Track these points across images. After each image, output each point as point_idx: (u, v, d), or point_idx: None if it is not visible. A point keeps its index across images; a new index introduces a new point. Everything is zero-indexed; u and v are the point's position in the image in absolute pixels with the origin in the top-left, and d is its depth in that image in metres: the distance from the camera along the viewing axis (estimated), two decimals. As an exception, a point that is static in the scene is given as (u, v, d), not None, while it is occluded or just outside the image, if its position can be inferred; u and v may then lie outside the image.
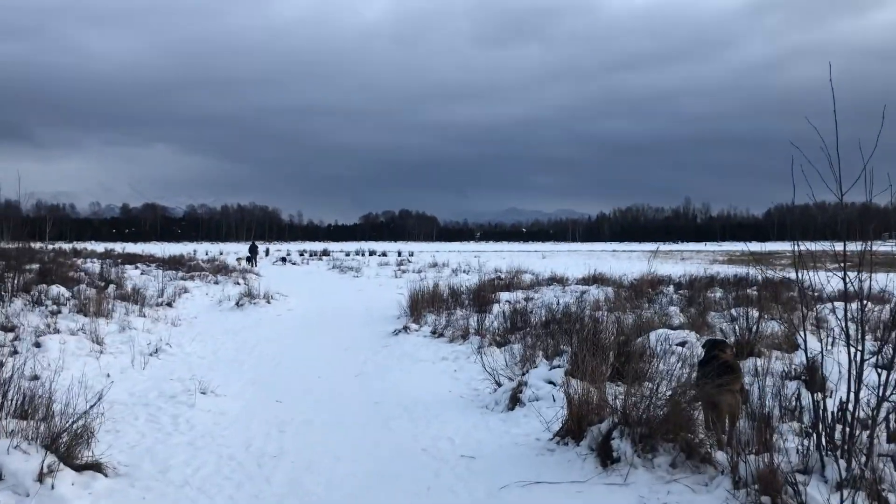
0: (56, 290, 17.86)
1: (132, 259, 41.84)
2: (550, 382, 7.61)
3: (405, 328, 13.81)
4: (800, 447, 4.95)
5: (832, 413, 5.12)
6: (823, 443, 4.84)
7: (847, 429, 5.05)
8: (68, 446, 5.42)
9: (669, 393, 5.73)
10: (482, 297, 17.43)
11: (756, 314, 11.60)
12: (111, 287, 20.77)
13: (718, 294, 20.38)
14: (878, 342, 6.31)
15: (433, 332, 13.45)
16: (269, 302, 19.79)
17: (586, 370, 7.31)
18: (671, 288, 22.62)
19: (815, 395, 5.61)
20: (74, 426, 5.51)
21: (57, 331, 12.08)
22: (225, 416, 7.55)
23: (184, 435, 6.82)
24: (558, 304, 17.41)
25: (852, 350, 5.18)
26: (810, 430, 4.91)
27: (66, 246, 67.89)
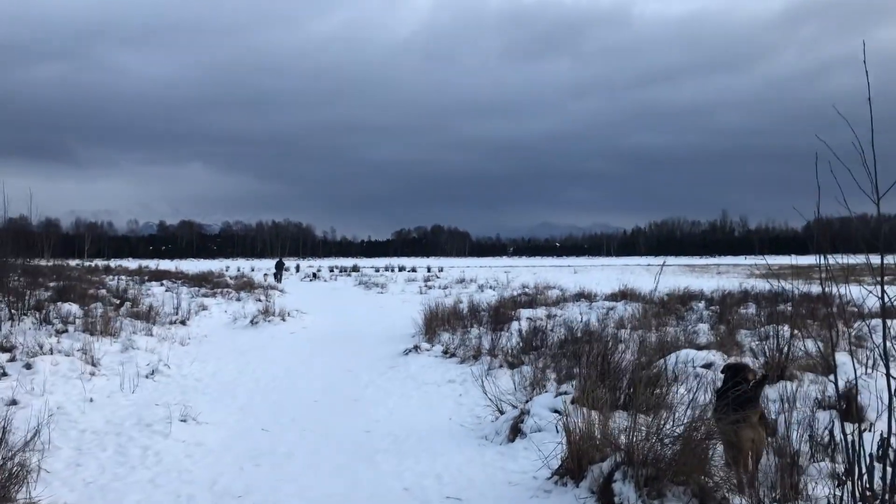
0: (68, 308, 17.61)
1: (161, 276, 41.84)
2: (556, 411, 6.90)
3: (416, 348, 13.17)
4: (832, 498, 4.19)
5: (870, 454, 4.34)
6: (858, 492, 4.08)
7: (890, 471, 4.28)
8: (3, 486, 4.87)
9: (681, 427, 4.99)
10: (501, 314, 16.71)
11: (788, 332, 10.75)
12: (126, 305, 20.51)
13: (751, 310, 19.44)
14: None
15: (445, 352, 12.78)
16: (283, 320, 19.31)
17: (592, 398, 6.59)
18: (702, 304, 21.68)
19: (850, 429, 4.83)
20: (10, 464, 4.95)
21: (52, 351, 11.65)
22: (200, 447, 6.96)
23: (148, 470, 6.22)
24: (581, 321, 16.64)
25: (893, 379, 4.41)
26: (844, 478, 4.14)
27: (103, 263, 68.81)
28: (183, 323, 18.60)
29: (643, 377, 7.69)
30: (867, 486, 4.16)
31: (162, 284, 34.90)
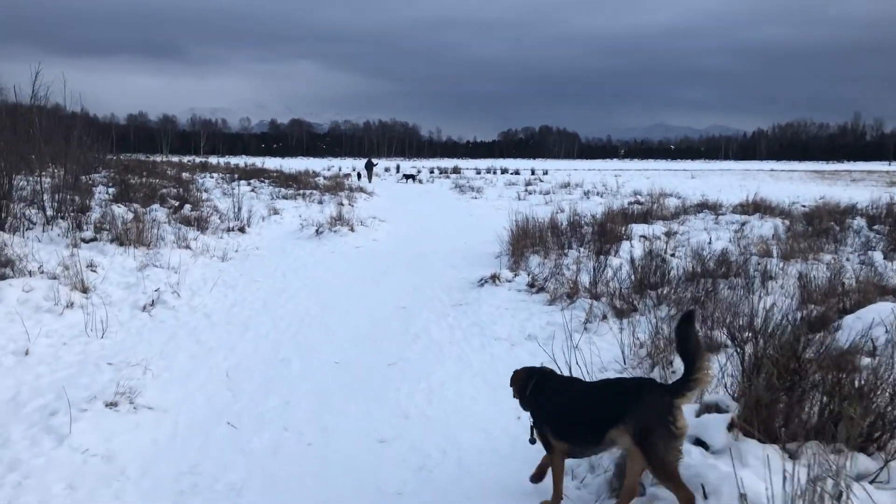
0: (117, 210, 15.57)
1: (254, 174, 40.24)
2: (700, 443, 3.83)
3: (493, 278, 10.16)
4: None
5: None
6: None
7: None
8: None
9: None
10: (607, 231, 13.41)
11: None
12: (186, 207, 18.43)
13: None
14: None
15: (531, 285, 9.75)
16: (353, 230, 16.68)
17: (776, 425, 3.45)
18: (859, 220, 17.48)
19: None
20: None
21: (38, 271, 9.39)
22: (105, 465, 4.31)
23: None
24: (709, 244, 13.18)
25: None
26: None
27: (205, 160, 68.59)
28: (242, 230, 16.33)
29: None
30: None
31: (249, 184, 33.09)
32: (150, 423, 4.94)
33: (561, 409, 3.78)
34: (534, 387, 3.97)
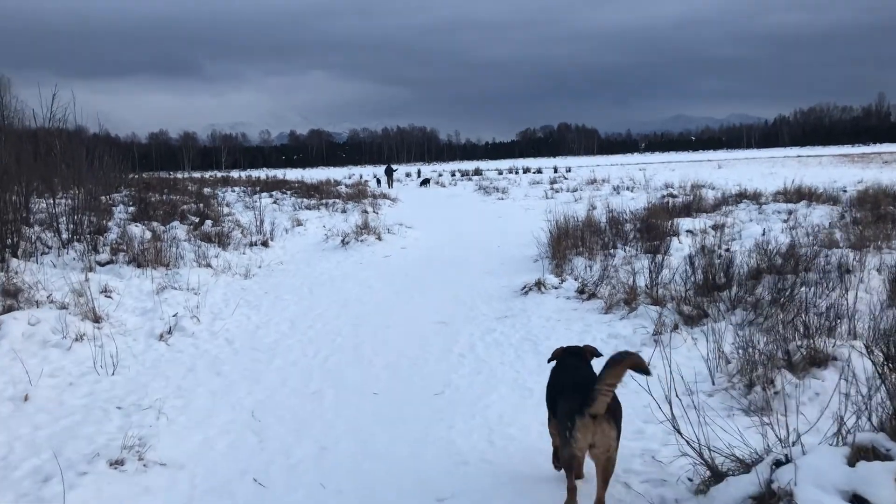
0: (135, 230, 14.90)
1: (276, 186, 39.68)
2: (859, 499, 2.95)
3: (538, 285, 9.28)
4: None
5: None
6: None
7: None
8: None
9: None
10: (654, 227, 12.47)
11: None
12: (207, 223, 17.77)
13: None
14: None
15: (580, 291, 8.87)
16: (380, 238, 15.88)
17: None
18: (918, 204, 16.33)
19: None
20: None
21: (47, 300, 8.68)
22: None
23: None
24: (763, 236, 12.22)
25: None
26: None
27: (225, 174, 68.30)
28: (265, 244, 15.60)
29: None
30: None
31: (271, 196, 32.49)
32: (162, 486, 4.13)
33: (552, 385, 4.15)
34: (558, 362, 4.27)
